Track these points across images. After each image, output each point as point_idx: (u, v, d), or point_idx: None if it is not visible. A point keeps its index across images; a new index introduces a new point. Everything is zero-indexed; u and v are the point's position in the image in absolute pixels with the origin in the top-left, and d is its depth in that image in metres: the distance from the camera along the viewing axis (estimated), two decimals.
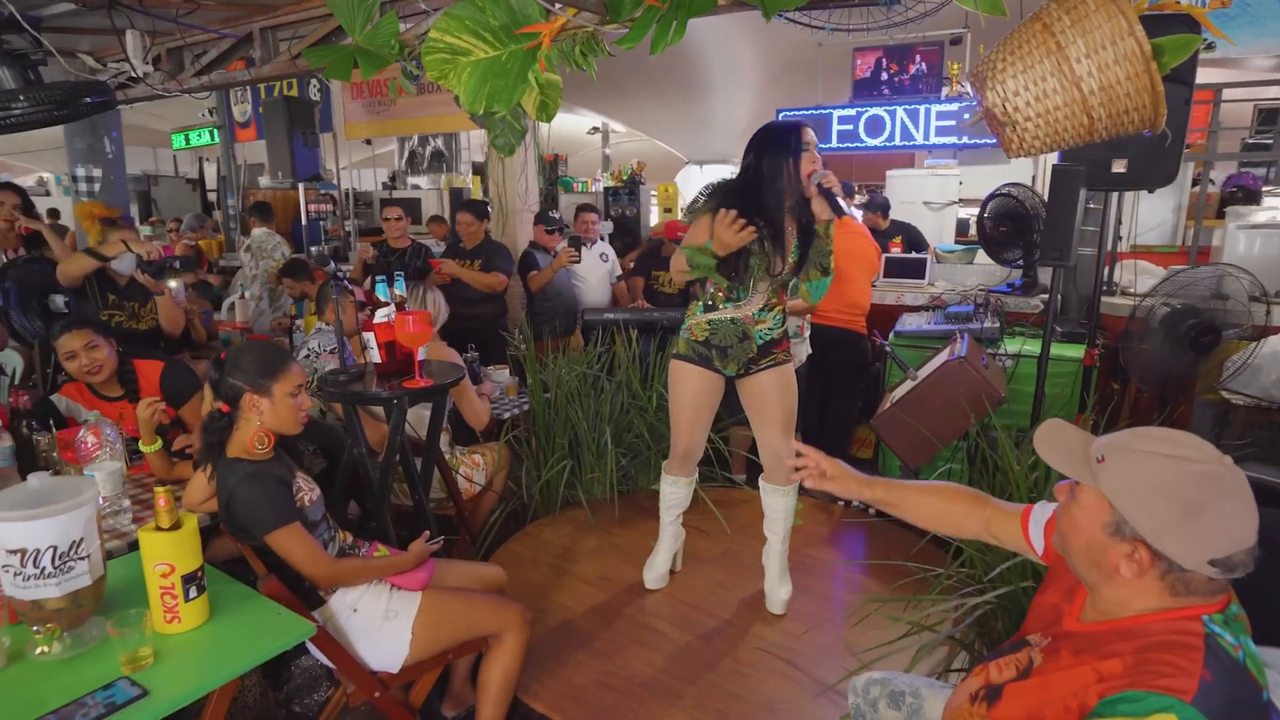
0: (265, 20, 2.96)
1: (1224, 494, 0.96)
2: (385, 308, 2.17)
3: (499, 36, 2.02)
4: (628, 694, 2.10)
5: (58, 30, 2.79)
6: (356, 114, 6.56)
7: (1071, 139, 1.42)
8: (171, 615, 1.46)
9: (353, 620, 1.83)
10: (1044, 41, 1.37)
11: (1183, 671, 0.93)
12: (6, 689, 1.32)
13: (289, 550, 1.70)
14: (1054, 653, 1.12)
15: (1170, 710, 0.91)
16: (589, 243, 4.63)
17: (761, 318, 2.32)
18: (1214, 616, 0.98)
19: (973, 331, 3.55)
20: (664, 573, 2.66)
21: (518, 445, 3.28)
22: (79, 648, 1.41)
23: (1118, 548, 1.00)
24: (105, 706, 1.25)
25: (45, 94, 2.48)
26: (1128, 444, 1.02)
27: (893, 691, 1.60)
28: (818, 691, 2.07)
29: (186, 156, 10.87)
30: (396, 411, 2.13)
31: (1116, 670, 0.99)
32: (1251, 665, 0.97)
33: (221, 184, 8.28)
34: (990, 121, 1.48)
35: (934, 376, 3.08)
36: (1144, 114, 1.36)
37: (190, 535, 1.47)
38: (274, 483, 1.72)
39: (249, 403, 1.73)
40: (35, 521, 1.32)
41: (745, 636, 2.37)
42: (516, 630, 1.97)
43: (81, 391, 2.42)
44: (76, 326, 2.33)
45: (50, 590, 1.35)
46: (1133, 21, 1.29)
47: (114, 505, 1.99)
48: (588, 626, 2.43)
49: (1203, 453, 0.98)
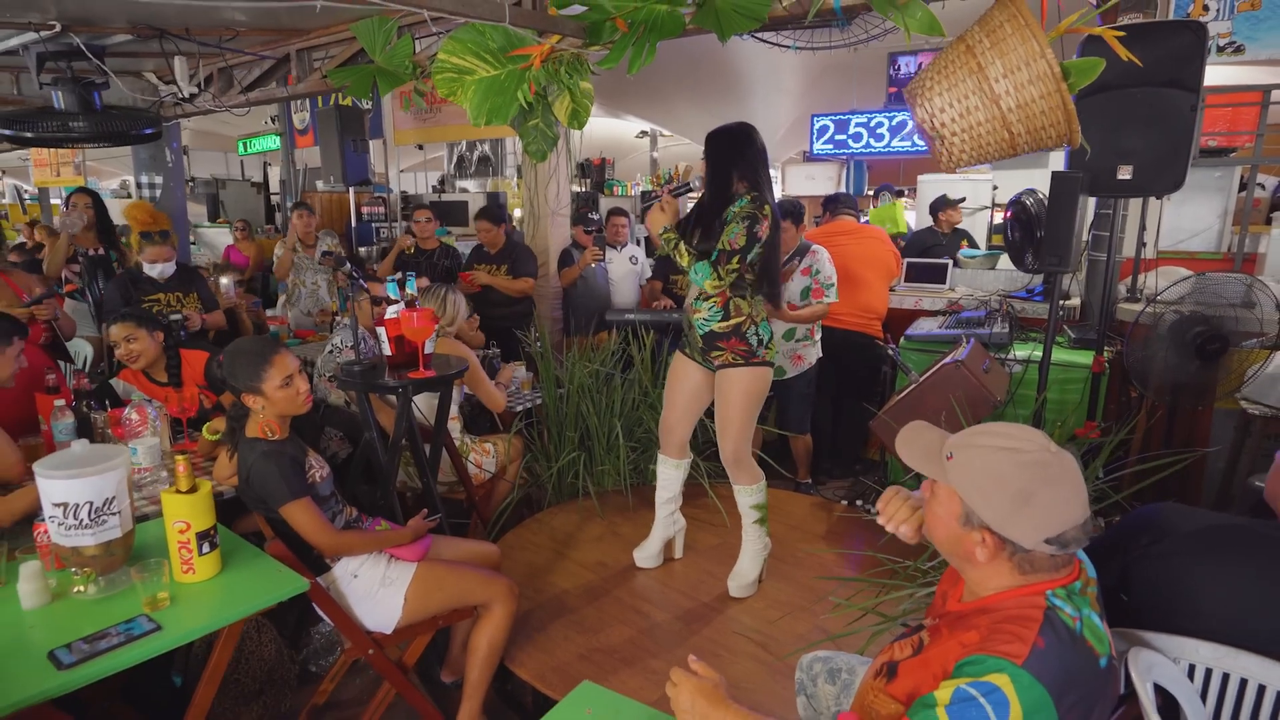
0: (300, 43, 3.25)
1: (1050, 479, 1.06)
2: (395, 304, 2.38)
3: (497, 58, 2.21)
4: (605, 667, 2.26)
5: (122, 55, 3.12)
6: (405, 121, 6.88)
7: (995, 153, 1.51)
8: (187, 566, 1.69)
9: (353, 585, 2.04)
10: (966, 61, 1.47)
11: (1019, 639, 1.04)
12: (51, 620, 1.57)
13: (299, 521, 1.92)
14: (936, 632, 1.24)
15: (1003, 671, 1.02)
16: (619, 245, 4.82)
17: (698, 307, 2.50)
18: (1058, 591, 1.09)
19: (982, 336, 3.58)
20: (654, 553, 2.81)
21: (530, 437, 3.47)
22: (110, 590, 1.65)
23: (970, 536, 1.11)
24: (124, 636, 1.48)
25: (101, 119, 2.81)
26: (970, 441, 1.13)
27: (831, 668, 1.72)
28: (782, 670, 2.19)
29: (252, 161, 11.50)
30: (402, 398, 2.34)
31: (973, 640, 1.10)
32: (1089, 634, 1.07)
33: (282, 187, 8.77)
34: (923, 135, 1.59)
35: (930, 380, 3.14)
36: (1059, 130, 1.45)
37: (205, 498, 1.70)
38: (287, 460, 1.94)
39: (248, 401, 1.95)
40: (75, 480, 1.56)
41: (724, 621, 2.50)
42: (504, 601, 2.15)
43: (135, 376, 2.73)
44: (121, 319, 2.63)
45: (87, 539, 1.59)
46: (1044, 45, 1.38)
47: (154, 475, 2.25)
48: (577, 605, 2.59)
49: (1032, 443, 1.08)
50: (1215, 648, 1.30)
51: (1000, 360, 3.51)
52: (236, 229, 7.34)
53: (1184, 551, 1.39)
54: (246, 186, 10.51)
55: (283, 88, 3.32)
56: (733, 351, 2.48)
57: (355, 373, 2.37)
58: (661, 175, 7.86)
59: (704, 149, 2.48)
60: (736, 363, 2.48)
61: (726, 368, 2.50)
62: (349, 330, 3.16)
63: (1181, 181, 2.97)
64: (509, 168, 8.93)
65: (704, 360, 2.56)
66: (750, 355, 2.48)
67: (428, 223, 4.56)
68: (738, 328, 2.46)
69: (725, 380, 2.51)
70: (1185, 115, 2.90)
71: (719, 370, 2.52)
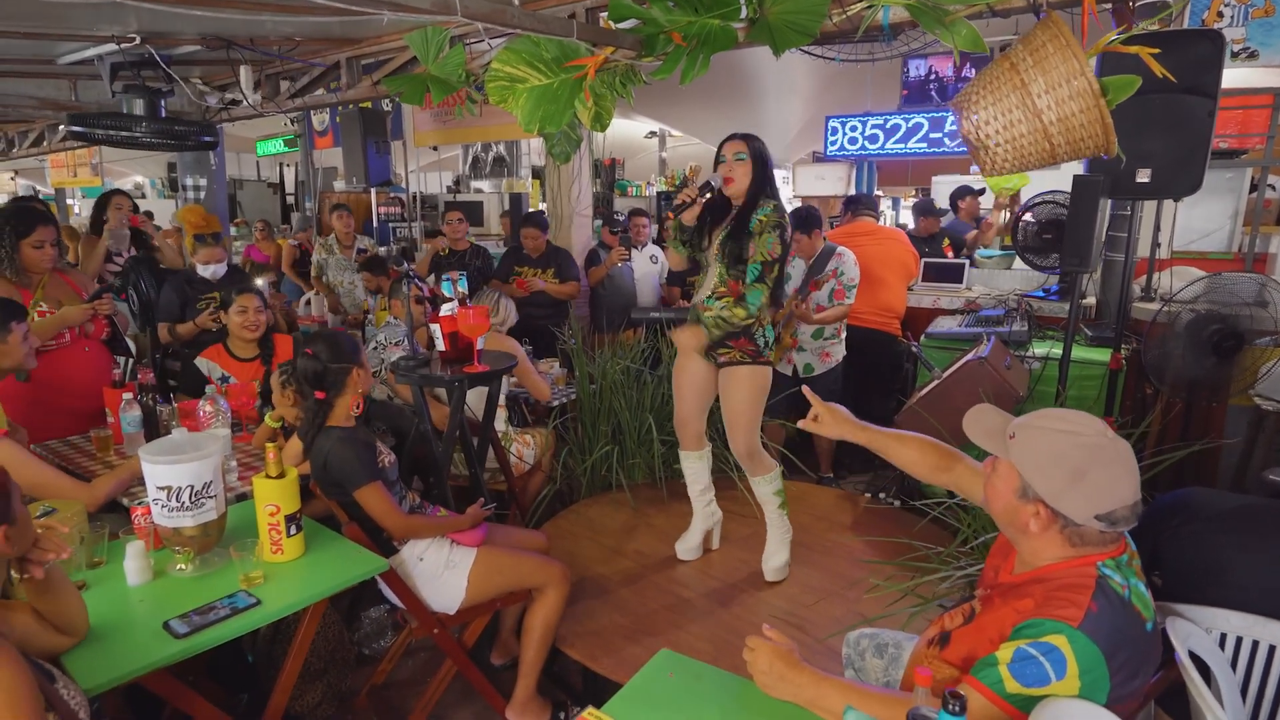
0: (350, 51, 3.37)
1: (1105, 461, 1.17)
2: (449, 303, 2.50)
3: (550, 67, 2.32)
4: (651, 647, 2.34)
5: (180, 63, 3.24)
6: (425, 123, 6.98)
7: (1036, 162, 1.63)
8: (276, 547, 1.80)
9: (419, 568, 2.15)
10: (1011, 78, 1.58)
11: (1074, 604, 1.15)
12: (154, 596, 1.69)
13: (372, 503, 2.02)
14: (989, 601, 1.35)
15: (1060, 633, 1.13)
16: (640, 245, 4.95)
17: (709, 305, 2.54)
18: (1107, 562, 1.20)
19: (1001, 334, 3.69)
20: (694, 545, 2.91)
21: (565, 431, 3.59)
22: (206, 568, 1.77)
23: (1026, 508, 1.22)
24: (230, 609, 1.60)
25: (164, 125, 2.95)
26: (1032, 422, 1.25)
27: (879, 643, 1.83)
28: (822, 650, 2.30)
29: (268, 162, 11.63)
30: (456, 393, 2.45)
31: (1029, 607, 1.21)
32: (1136, 600, 1.18)
33: (299, 188, 8.90)
34: (967, 144, 1.70)
35: (955, 375, 3.25)
36: (1098, 141, 1.56)
37: (291, 484, 1.82)
38: (362, 445, 2.05)
39: (355, 377, 2.06)
40: (178, 465, 1.68)
41: (761, 605, 2.62)
42: (558, 584, 2.27)
43: (219, 354, 2.90)
44: (244, 291, 2.91)
45: (187, 520, 1.71)
46: (1084, 64, 1.49)
47: (224, 463, 2.37)
48: (620, 591, 2.71)
49: (1090, 428, 1.20)
50: (1245, 617, 1.41)
51: (1019, 357, 3.62)
52: (257, 229, 7.47)
53: (1215, 530, 1.51)
54: (263, 187, 10.64)
55: (332, 93, 3.45)
56: (740, 350, 2.56)
57: (411, 368, 2.48)
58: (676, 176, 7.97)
59: (742, 150, 2.49)
60: (743, 360, 2.57)
61: (732, 365, 2.58)
62: (392, 327, 3.29)
63: (1199, 184, 3.07)
64: (524, 169, 9.04)
65: (707, 355, 2.62)
66: (757, 355, 2.57)
67: (460, 223, 4.68)
68: (749, 329, 2.54)
69: (732, 377, 2.59)
70: (1203, 120, 3.00)
71: (723, 367, 2.60)
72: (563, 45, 2.27)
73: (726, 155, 2.49)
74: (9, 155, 6.62)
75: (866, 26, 1.83)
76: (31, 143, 6.16)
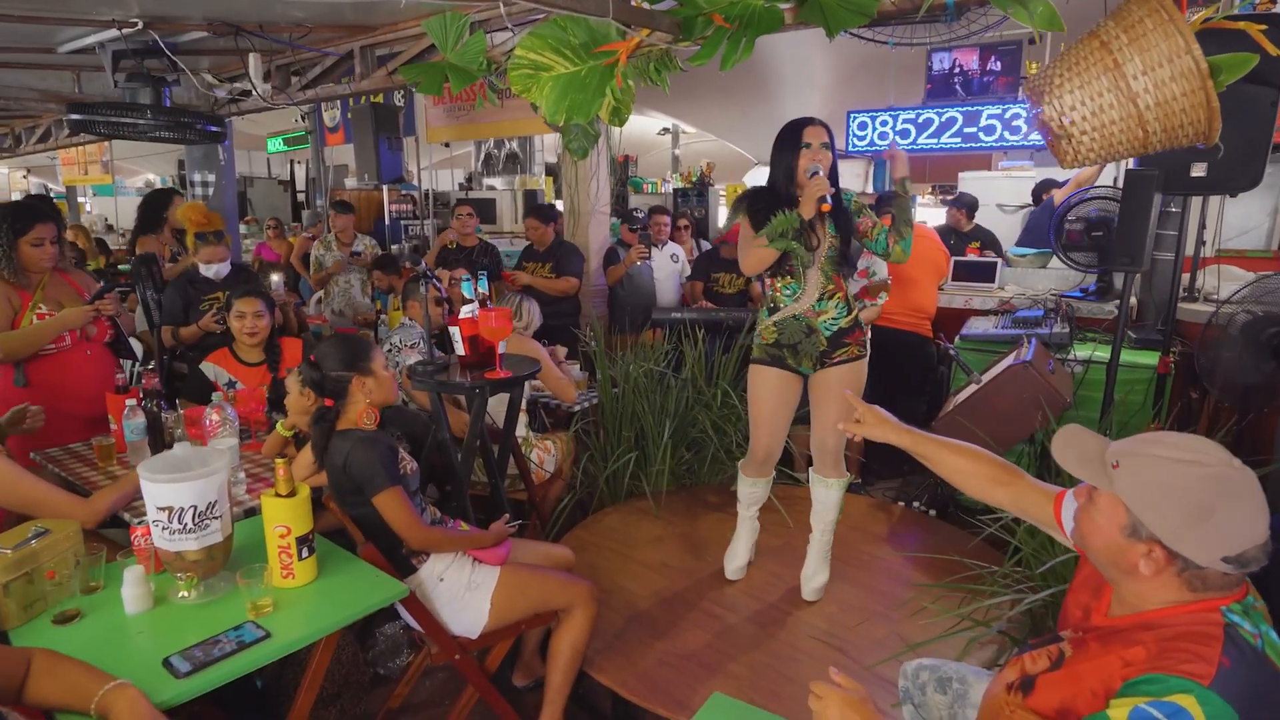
0: (364, 39, 3.23)
1: (1233, 495, 1.02)
2: (470, 304, 2.36)
3: (579, 54, 2.17)
4: (685, 671, 2.23)
5: (187, 53, 3.11)
6: (438, 118, 6.85)
7: (1125, 151, 1.47)
8: (287, 571, 1.67)
9: (439, 589, 2.01)
10: (1101, 58, 1.42)
11: (1201, 658, 1.00)
12: (154, 625, 1.55)
13: (391, 510, 1.87)
14: (1083, 645, 1.19)
15: (1190, 692, 0.98)
16: (660, 243, 4.81)
17: (822, 308, 2.35)
18: (1233, 607, 1.04)
19: (1041, 336, 3.52)
20: (743, 564, 2.73)
21: (586, 437, 3.44)
22: (211, 595, 1.63)
23: (1135, 548, 1.07)
24: (236, 643, 1.46)
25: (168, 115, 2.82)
26: (1139, 450, 1.09)
27: (941, 677, 1.67)
28: (869, 678, 2.15)
29: (278, 159, 11.53)
30: (478, 400, 2.31)
31: (1140, 657, 1.06)
32: (1271, 652, 1.03)
33: (310, 185, 8.78)
34: (1046, 133, 1.54)
35: (998, 380, 3.09)
36: (1199, 128, 1.40)
37: (303, 502, 1.68)
38: (384, 448, 1.91)
39: (358, 385, 1.92)
40: (180, 484, 1.54)
41: (799, 625, 2.46)
42: (585, 605, 2.13)
43: (226, 358, 2.77)
44: (246, 295, 2.76)
45: (190, 544, 1.57)
46: (1189, 40, 1.33)
47: (231, 477, 2.23)
48: (649, 608, 2.56)
49: (1212, 456, 1.04)
50: None
51: (1060, 360, 3.45)
52: (268, 227, 7.37)
53: None
54: (274, 184, 10.55)
55: (345, 84, 3.30)
56: (857, 344, 2.40)
57: (430, 373, 2.34)
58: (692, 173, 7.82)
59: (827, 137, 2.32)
60: (860, 355, 2.42)
61: (850, 361, 2.40)
62: (406, 329, 3.15)
63: (1260, 178, 2.90)
64: (537, 165, 8.91)
65: (815, 364, 2.41)
66: (865, 344, 2.44)
67: (469, 218, 4.54)
68: (856, 319, 2.41)
69: (853, 373, 2.40)
70: (1265, 111, 2.83)
71: (840, 365, 2.39)
72: (592, 30, 2.12)
73: (812, 142, 2.28)
74: (16, 152, 6.53)
75: (929, 6, 1.67)
76: (38, 138, 6.06)
